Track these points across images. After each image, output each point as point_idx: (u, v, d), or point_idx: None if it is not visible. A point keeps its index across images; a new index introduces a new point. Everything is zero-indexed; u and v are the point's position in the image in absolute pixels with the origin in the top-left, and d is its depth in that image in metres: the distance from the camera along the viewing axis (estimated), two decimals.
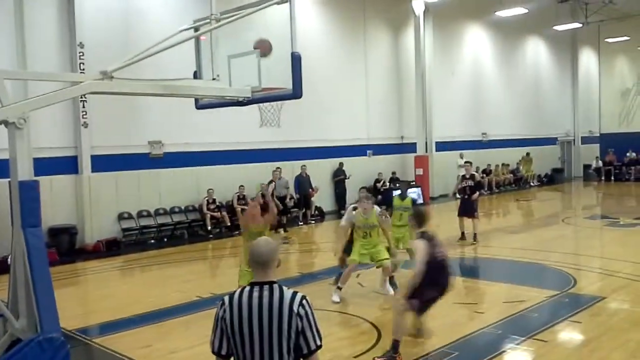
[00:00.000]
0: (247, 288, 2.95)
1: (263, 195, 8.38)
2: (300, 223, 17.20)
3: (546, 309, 7.73)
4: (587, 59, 32.38)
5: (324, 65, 18.61)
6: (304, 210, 17.51)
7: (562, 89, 30.59)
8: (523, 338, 6.55)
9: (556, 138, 29.82)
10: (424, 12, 21.29)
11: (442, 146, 22.41)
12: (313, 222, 17.32)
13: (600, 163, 28.81)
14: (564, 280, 9.19)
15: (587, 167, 29.82)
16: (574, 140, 31.06)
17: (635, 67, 34.68)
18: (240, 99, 7.16)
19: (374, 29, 21.02)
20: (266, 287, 2.91)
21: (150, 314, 8.16)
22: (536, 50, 28.86)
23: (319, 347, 2.93)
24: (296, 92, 6.65)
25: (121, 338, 7.19)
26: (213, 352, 2.99)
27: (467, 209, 13.13)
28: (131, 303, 8.83)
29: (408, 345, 6.56)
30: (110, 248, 13.57)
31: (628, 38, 31.31)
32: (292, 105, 7.59)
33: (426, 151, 21.59)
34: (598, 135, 31.15)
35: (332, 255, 9.19)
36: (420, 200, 7.84)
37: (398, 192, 11.03)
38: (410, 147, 21.72)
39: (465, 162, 15.73)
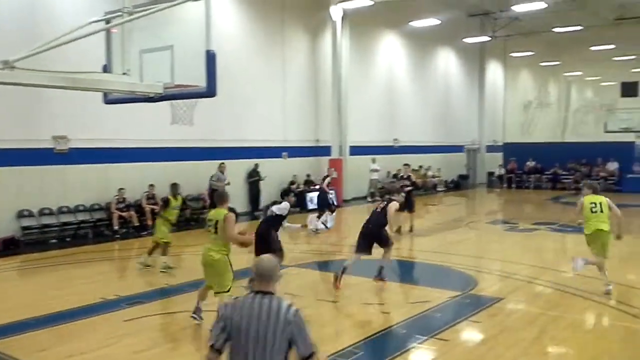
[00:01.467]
0: (252, 294, 3.45)
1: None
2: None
3: (449, 309, 8.06)
4: (494, 71, 34.07)
5: (241, 65, 18.52)
6: None
7: (470, 99, 32.01)
8: (426, 337, 6.80)
9: (463, 146, 31.15)
10: (342, 18, 21.66)
11: (356, 150, 22.84)
12: None
13: (503, 171, 30.41)
14: (466, 282, 9.63)
15: (490, 174, 31.37)
16: (480, 148, 32.58)
17: (537, 81, 36.92)
18: (152, 95, 6.98)
19: (293, 32, 21.13)
20: (267, 296, 3.42)
21: (48, 316, 7.77)
22: (447, 61, 30.06)
23: (311, 354, 3.38)
24: (210, 90, 6.55)
25: (15, 342, 6.81)
26: (210, 345, 3.49)
27: (409, 206, 14.80)
28: (29, 305, 8.38)
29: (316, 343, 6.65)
30: (7, 247, 12.83)
31: (532, 53, 33.29)
32: (207, 104, 7.48)
33: (340, 154, 21.94)
34: (501, 144, 32.82)
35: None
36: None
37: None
38: (325, 150, 21.99)
39: (404, 164, 16.95)
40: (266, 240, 8.81)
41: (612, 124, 26.41)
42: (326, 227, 16.17)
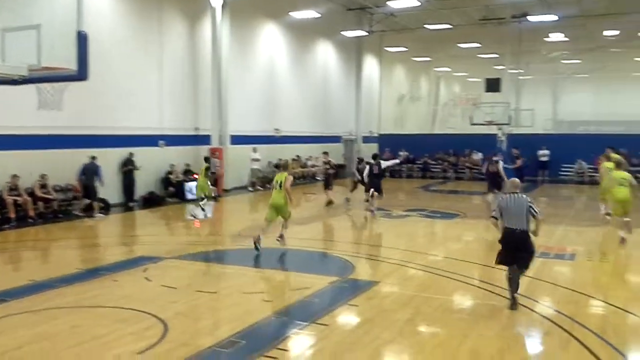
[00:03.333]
0: (509, 194, 7.60)
1: None
2: (80, 215, 15.89)
3: (328, 295, 8.25)
4: (370, 65, 35.18)
5: (115, 49, 17.64)
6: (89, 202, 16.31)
7: (347, 92, 32.84)
8: (306, 323, 6.90)
9: (341, 136, 31.92)
10: (222, 6, 21.29)
11: (236, 139, 22.63)
12: (101, 214, 16.18)
13: None
14: (345, 267, 9.90)
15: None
16: (357, 139, 33.57)
17: (410, 76, 38.73)
18: (15, 78, 6.46)
19: (171, 18, 20.42)
20: (516, 193, 7.53)
21: None
22: (326, 54, 30.58)
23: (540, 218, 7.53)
24: (81, 74, 6.20)
25: None
26: (492, 216, 7.82)
27: (327, 184, 19.31)
28: None
29: (194, 336, 6.53)
30: None
31: (405, 49, 34.79)
32: (78, 88, 7.06)
33: (221, 144, 21.64)
34: (377, 135, 34.03)
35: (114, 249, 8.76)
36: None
37: None
38: (205, 139, 21.57)
39: (323, 152, 20.47)
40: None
41: (477, 117, 28.25)
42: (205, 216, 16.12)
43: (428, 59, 36.98)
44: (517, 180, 8.08)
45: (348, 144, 32.71)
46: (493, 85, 28.98)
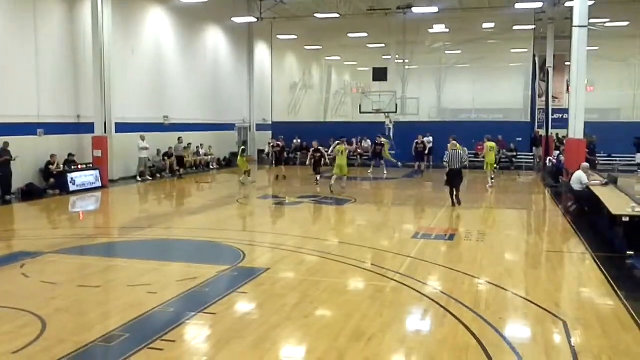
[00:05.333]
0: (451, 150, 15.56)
1: None
2: None
3: (217, 284, 8.20)
4: (262, 52, 35.04)
5: None
6: None
7: (240, 79, 32.55)
8: (194, 313, 6.83)
9: (234, 124, 31.63)
10: None
11: (122, 127, 21.78)
12: None
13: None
14: (235, 256, 9.87)
15: (261, 151, 32.43)
16: (250, 126, 33.41)
17: (302, 64, 38.96)
18: None
19: (46, 1, 19.16)
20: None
21: None
22: (216, 40, 30.08)
23: None
24: None
25: None
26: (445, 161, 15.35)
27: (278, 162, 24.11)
28: None
29: (75, 333, 6.26)
30: None
31: (296, 37, 34.93)
32: None
33: (105, 132, 20.73)
34: (270, 123, 34.06)
35: None
36: None
37: None
38: (88, 127, 20.57)
39: (279, 137, 25.13)
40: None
41: (366, 105, 29.04)
42: None
43: (319, 47, 37.36)
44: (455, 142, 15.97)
45: (242, 131, 32.48)
46: (380, 74, 29.85)
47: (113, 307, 7.23)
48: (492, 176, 20.99)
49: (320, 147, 21.15)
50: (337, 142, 19.85)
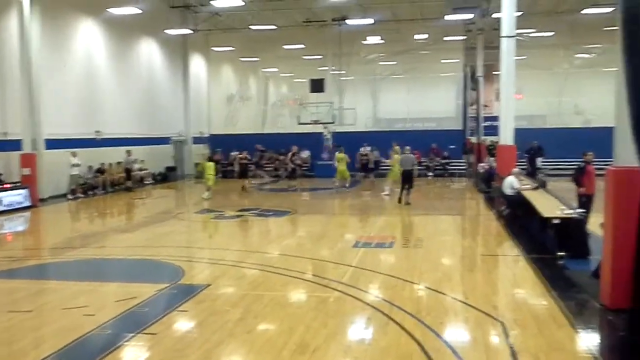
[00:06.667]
0: None
1: None
2: None
3: (156, 303, 7.97)
4: (197, 64, 34.60)
5: None
6: None
7: (175, 91, 31.99)
8: (133, 334, 6.62)
9: (170, 137, 31.03)
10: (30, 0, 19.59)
11: (52, 144, 20.97)
12: None
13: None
14: (174, 273, 9.65)
15: (198, 165, 31.94)
16: (186, 140, 32.90)
17: (239, 76, 38.79)
18: None
19: None
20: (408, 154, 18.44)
21: None
22: (150, 52, 29.48)
23: None
24: None
25: None
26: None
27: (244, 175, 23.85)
28: None
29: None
30: None
31: (232, 49, 34.76)
32: None
33: (34, 149, 19.91)
34: (208, 135, 33.63)
35: None
36: None
37: None
38: (15, 144, 19.68)
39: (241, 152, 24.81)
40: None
41: (304, 116, 29.16)
42: None
43: (256, 59, 37.32)
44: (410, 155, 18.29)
45: (178, 145, 31.91)
46: (317, 85, 30.06)
47: (46, 332, 6.91)
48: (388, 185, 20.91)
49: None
50: (336, 150, 22.80)
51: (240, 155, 24.68)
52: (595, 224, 9.99)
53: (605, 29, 26.65)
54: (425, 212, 17.48)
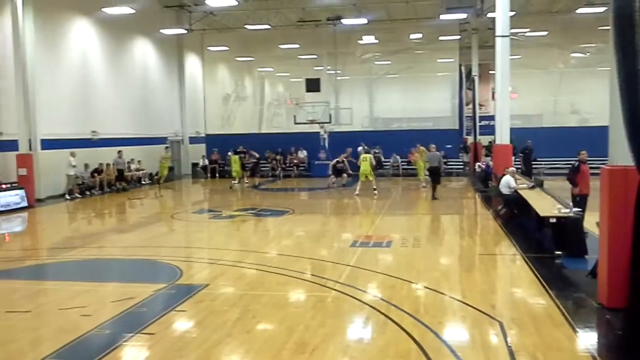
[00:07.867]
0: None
1: None
2: None
3: (154, 303, 7.98)
4: (193, 64, 34.56)
5: None
6: None
7: (170, 91, 31.96)
8: (131, 334, 6.63)
9: (166, 137, 30.99)
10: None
11: (48, 144, 20.92)
12: None
13: (207, 161, 31.18)
14: (172, 273, 9.65)
15: (195, 165, 31.91)
16: (183, 140, 32.84)
17: (234, 76, 38.70)
18: None
19: None
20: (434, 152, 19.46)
21: None
22: (145, 52, 29.43)
23: None
24: None
25: None
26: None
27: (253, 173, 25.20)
28: None
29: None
30: None
31: (227, 48, 34.68)
32: None
33: (30, 149, 19.87)
34: (204, 135, 33.59)
35: None
36: None
37: None
38: (11, 145, 19.64)
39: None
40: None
41: (300, 116, 29.13)
42: None
43: (251, 58, 37.22)
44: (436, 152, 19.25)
45: (174, 145, 31.87)
46: (313, 85, 30.01)
47: (45, 333, 6.90)
48: (374, 185, 20.75)
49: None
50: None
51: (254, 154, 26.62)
52: (591, 222, 10.03)
53: (599, 28, 26.73)
54: (422, 212, 17.52)
